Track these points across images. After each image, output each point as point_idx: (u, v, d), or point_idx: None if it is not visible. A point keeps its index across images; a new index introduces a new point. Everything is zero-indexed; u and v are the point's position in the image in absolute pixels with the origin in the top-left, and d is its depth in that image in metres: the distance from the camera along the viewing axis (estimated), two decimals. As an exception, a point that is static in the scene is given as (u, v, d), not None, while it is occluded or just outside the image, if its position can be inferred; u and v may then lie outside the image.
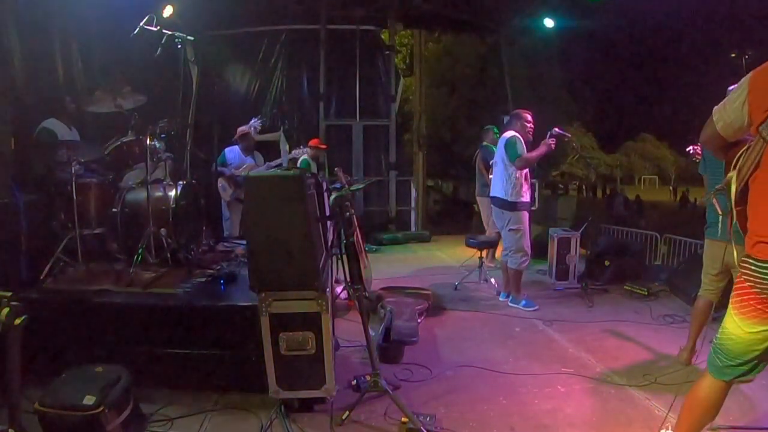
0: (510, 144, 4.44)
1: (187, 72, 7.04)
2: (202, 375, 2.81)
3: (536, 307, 4.54)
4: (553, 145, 4.39)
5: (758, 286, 1.67)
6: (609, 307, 4.63)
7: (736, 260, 1.79)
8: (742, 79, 1.70)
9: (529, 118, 4.60)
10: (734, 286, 1.80)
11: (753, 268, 1.68)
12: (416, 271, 6.18)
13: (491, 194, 4.72)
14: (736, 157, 1.73)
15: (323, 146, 6.63)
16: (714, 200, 1.95)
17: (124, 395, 2.34)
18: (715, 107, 1.79)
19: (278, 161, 6.11)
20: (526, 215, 4.57)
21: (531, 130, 4.57)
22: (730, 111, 1.72)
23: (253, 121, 6.11)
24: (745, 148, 1.71)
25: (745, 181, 1.71)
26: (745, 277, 1.72)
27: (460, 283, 5.32)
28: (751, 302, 1.70)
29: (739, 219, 1.76)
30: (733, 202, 1.75)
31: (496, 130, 6.24)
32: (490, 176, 5.02)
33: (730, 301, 1.80)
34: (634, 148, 41.07)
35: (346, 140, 8.96)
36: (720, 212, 1.85)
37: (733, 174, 1.72)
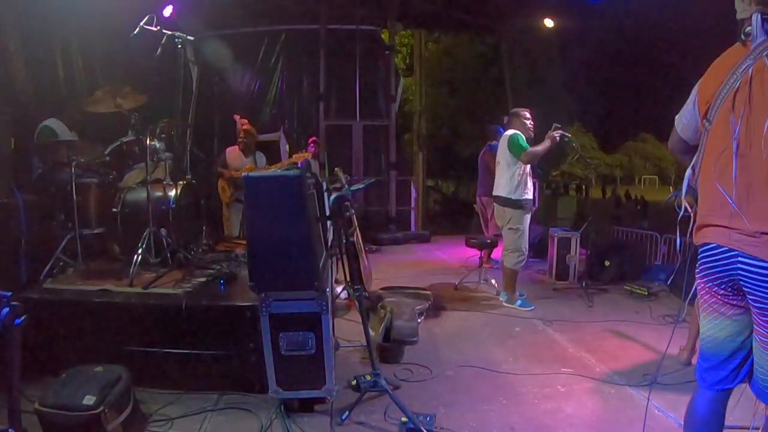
0: (513, 141, 4.45)
1: (187, 72, 7.02)
2: (202, 375, 2.81)
3: (532, 307, 4.53)
4: (557, 138, 4.40)
5: (703, 273, 1.67)
6: (609, 307, 4.63)
7: None
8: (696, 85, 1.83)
9: (528, 115, 4.62)
10: None
11: (699, 257, 1.68)
12: (416, 271, 6.18)
13: (494, 193, 4.71)
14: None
15: (320, 145, 6.64)
16: (685, 203, 1.91)
17: (124, 395, 2.34)
18: (677, 115, 1.92)
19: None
20: (527, 216, 4.56)
21: (531, 126, 4.59)
22: (685, 113, 1.86)
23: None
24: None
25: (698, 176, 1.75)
26: (696, 271, 1.72)
27: (460, 283, 5.32)
28: (704, 296, 1.70)
29: None
30: (683, 198, 1.80)
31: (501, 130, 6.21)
32: None
33: None
34: (634, 148, 41.05)
35: (346, 140, 8.96)
36: (690, 212, 1.84)
37: (688, 172, 1.82)
